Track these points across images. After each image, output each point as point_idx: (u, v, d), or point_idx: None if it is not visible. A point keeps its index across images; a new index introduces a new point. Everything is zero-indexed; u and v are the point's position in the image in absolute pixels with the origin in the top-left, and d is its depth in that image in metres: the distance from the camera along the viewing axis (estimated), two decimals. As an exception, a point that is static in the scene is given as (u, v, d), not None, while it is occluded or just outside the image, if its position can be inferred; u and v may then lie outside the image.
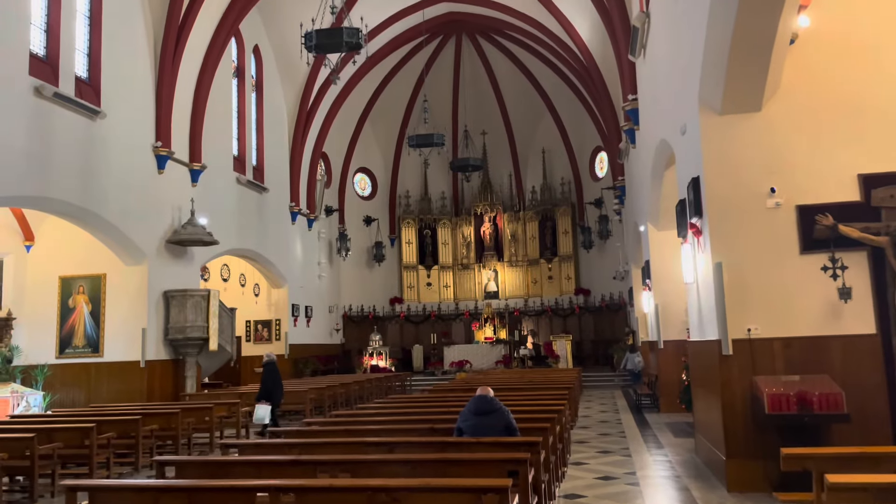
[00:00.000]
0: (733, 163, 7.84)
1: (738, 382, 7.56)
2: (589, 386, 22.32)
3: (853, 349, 7.37)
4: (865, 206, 7.45)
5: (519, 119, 30.59)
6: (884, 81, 7.63)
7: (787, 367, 7.48)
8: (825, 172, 7.61)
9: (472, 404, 6.33)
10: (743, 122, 7.85)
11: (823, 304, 7.46)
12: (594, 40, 20.88)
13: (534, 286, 29.94)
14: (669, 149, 11.29)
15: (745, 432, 7.49)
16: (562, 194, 30.05)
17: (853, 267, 7.40)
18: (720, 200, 7.84)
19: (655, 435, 11.88)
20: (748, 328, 7.57)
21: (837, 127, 7.66)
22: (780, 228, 7.65)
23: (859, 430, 7.09)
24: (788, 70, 7.67)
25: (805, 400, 6.93)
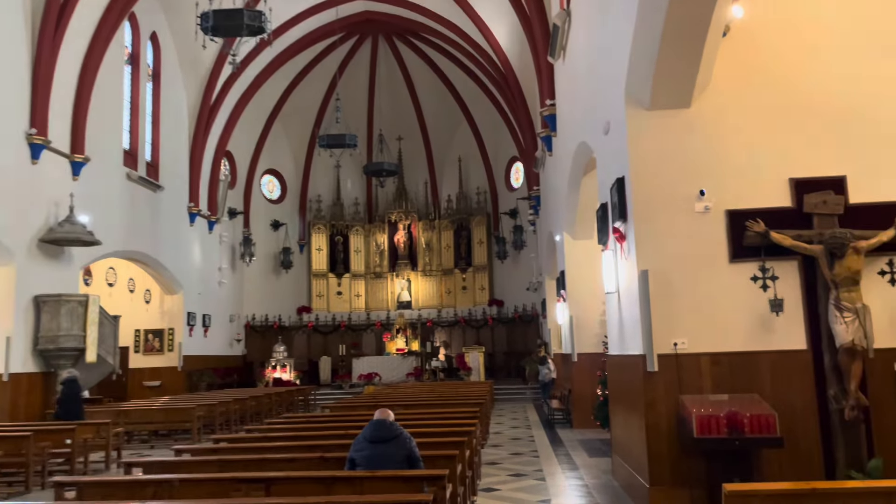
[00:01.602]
0: (661, 162, 7.26)
1: (664, 402, 6.93)
2: (501, 399, 21.72)
3: (783, 366, 6.88)
4: (797, 212, 7.01)
5: (435, 126, 29.90)
6: (817, 80, 7.24)
7: (714, 385, 6.91)
8: (756, 175, 7.13)
9: (368, 430, 5.37)
10: (672, 119, 7.29)
11: (754, 316, 6.95)
12: (512, 46, 20.42)
13: (448, 296, 29.21)
14: (589, 152, 10.74)
15: (671, 457, 6.86)
16: (477, 204, 29.52)
17: (784, 277, 6.93)
18: (647, 203, 7.23)
19: (569, 454, 11.24)
20: (675, 342, 6.96)
21: (769, 127, 7.21)
22: (709, 234, 7.11)
23: (789, 454, 6.60)
24: (719, 64, 7.17)
25: (736, 422, 6.35)
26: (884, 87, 7.17)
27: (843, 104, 7.17)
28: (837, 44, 7.28)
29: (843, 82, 7.20)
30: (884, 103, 7.14)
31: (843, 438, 6.65)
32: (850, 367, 6.52)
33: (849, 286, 6.54)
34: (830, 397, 6.73)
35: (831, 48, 7.28)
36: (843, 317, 6.51)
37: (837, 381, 6.68)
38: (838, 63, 7.24)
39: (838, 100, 7.18)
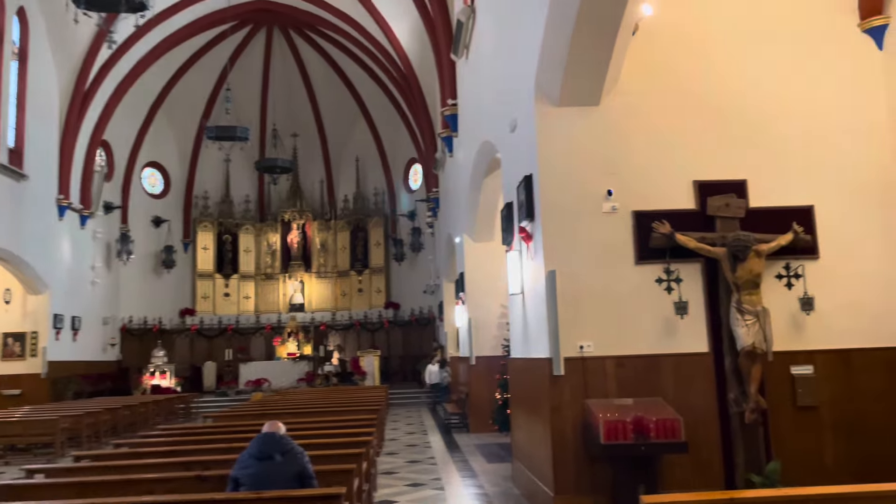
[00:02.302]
0: (570, 160, 7.06)
1: (570, 407, 6.71)
2: (396, 404, 21.26)
3: (686, 369, 6.83)
4: (701, 214, 6.99)
5: (333, 124, 29.05)
6: (723, 82, 7.28)
7: (619, 388, 6.76)
8: (662, 177, 7.07)
9: (254, 446, 4.76)
10: (581, 117, 7.11)
11: (659, 319, 6.86)
12: (413, 44, 20.05)
13: (343, 299, 28.40)
14: (493, 151, 10.51)
15: (576, 464, 6.65)
16: (375, 205, 28.91)
17: (688, 279, 6.89)
18: (555, 201, 7.01)
19: (467, 460, 10.94)
20: (581, 345, 6.76)
21: (674, 129, 7.17)
22: (616, 235, 6.97)
23: (691, 459, 6.52)
24: (628, 63, 7.06)
25: (642, 427, 6.20)
26: (784, 94, 7.30)
27: (745, 108, 7.24)
28: (742, 49, 7.36)
29: (746, 87, 7.28)
30: (783, 110, 7.27)
31: (743, 442, 6.67)
32: (751, 370, 6.54)
33: (750, 289, 6.57)
34: (731, 401, 6.73)
35: (735, 53, 7.34)
36: (744, 319, 6.52)
37: (738, 384, 6.69)
38: (742, 68, 7.32)
39: (741, 104, 7.25)
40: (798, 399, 6.88)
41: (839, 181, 7.18)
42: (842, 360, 6.94)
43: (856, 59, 7.37)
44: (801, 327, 6.94)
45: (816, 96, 7.30)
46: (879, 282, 7.06)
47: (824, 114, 7.28)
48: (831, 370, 6.92)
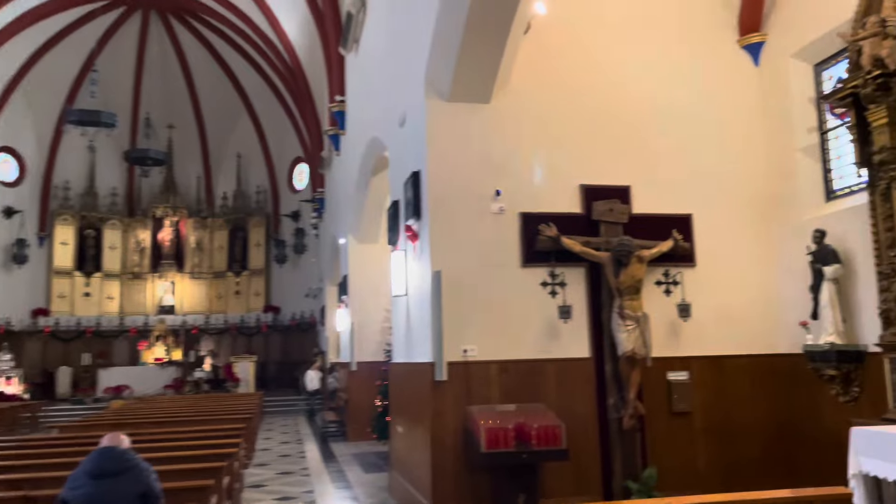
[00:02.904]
0: (459, 158, 6.83)
1: (452, 413, 6.44)
2: (272, 412, 20.34)
3: (568, 374, 6.74)
4: (586, 218, 6.96)
5: (213, 117, 27.58)
6: (611, 89, 7.31)
7: (502, 394, 6.57)
8: (550, 179, 6.98)
9: (90, 462, 4.11)
10: (471, 113, 6.90)
11: (543, 323, 6.74)
12: (301, 38, 19.35)
13: (218, 301, 26.95)
14: (381, 148, 10.16)
15: (456, 473, 6.38)
16: (257, 203, 27.71)
17: (572, 283, 6.82)
18: (443, 199, 6.75)
19: (343, 470, 10.46)
20: (465, 349, 6.52)
21: (563, 131, 7.11)
22: (503, 236, 6.80)
23: (572, 466, 6.43)
24: (520, 62, 6.93)
25: (523, 434, 6.03)
26: (668, 104, 7.42)
27: (631, 116, 7.31)
28: (630, 58, 7.43)
29: (632, 95, 7.36)
30: (666, 119, 7.40)
31: (621, 448, 6.66)
32: (630, 376, 6.54)
33: (631, 294, 6.58)
34: (610, 406, 6.71)
35: (624, 61, 7.40)
36: (625, 325, 6.52)
37: (618, 389, 6.68)
38: (630, 76, 7.39)
39: (627, 111, 7.31)
40: (673, 405, 6.97)
41: (716, 191, 7.38)
42: (714, 367, 7.11)
43: (735, 74, 7.64)
44: (678, 334, 7.05)
45: (698, 108, 7.49)
46: (751, 290, 7.30)
47: (704, 125, 7.47)
48: (705, 376, 7.07)
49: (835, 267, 6.31)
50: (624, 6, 7.54)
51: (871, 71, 5.42)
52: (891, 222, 5.59)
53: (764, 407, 7.14)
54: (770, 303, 7.29)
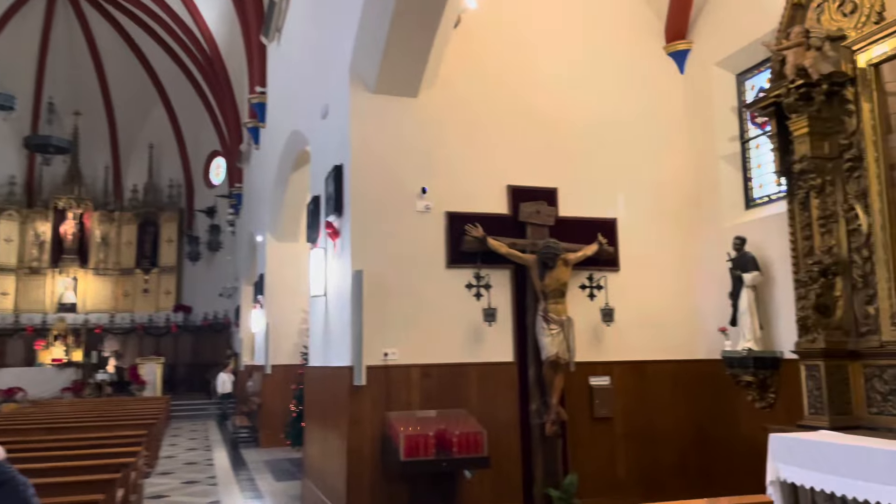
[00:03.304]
0: (384, 152, 6.54)
1: (370, 420, 6.14)
2: (181, 416, 19.40)
3: (491, 379, 6.56)
4: (513, 220, 6.81)
5: (124, 105, 26.15)
6: (540, 89, 7.20)
7: (423, 399, 6.32)
8: (477, 178, 6.80)
9: (-48, 478, 3.59)
10: (398, 107, 6.63)
11: (467, 326, 6.54)
12: (221, 26, 18.56)
13: (125, 300, 25.53)
14: (303, 142, 9.74)
15: (372, 482, 6.08)
16: (169, 198, 26.45)
17: (497, 286, 6.65)
18: (366, 195, 6.45)
19: (254, 479, 9.96)
20: (385, 352, 6.24)
21: (492, 130, 6.94)
22: (429, 236, 6.56)
23: (493, 474, 6.24)
24: (449, 57, 6.72)
25: (444, 441, 5.80)
26: (596, 108, 7.39)
27: (559, 118, 7.22)
28: (558, 60, 7.35)
29: (561, 97, 7.28)
30: (593, 123, 7.35)
31: (542, 454, 6.53)
32: (553, 381, 6.43)
33: (556, 298, 6.47)
34: (533, 412, 6.57)
35: (553, 62, 7.31)
36: (549, 329, 6.40)
37: (540, 395, 6.55)
38: (559, 78, 7.31)
39: (556, 113, 7.22)
40: (595, 410, 6.91)
41: (640, 196, 7.39)
42: (636, 372, 7.09)
43: (661, 81, 7.68)
44: (600, 338, 6.99)
45: (625, 113, 7.48)
46: (672, 296, 7.34)
47: (630, 130, 7.47)
48: (626, 382, 7.05)
49: (754, 274, 6.39)
50: (555, 7, 7.47)
51: (794, 80, 5.49)
52: (809, 231, 5.69)
53: (683, 412, 7.18)
54: (691, 309, 7.35)
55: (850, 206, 5.45)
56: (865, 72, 5.31)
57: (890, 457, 4.11)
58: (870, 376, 5.25)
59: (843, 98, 5.49)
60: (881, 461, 4.16)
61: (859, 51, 5.36)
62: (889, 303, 5.09)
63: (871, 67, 5.26)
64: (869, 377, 5.26)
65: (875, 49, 5.23)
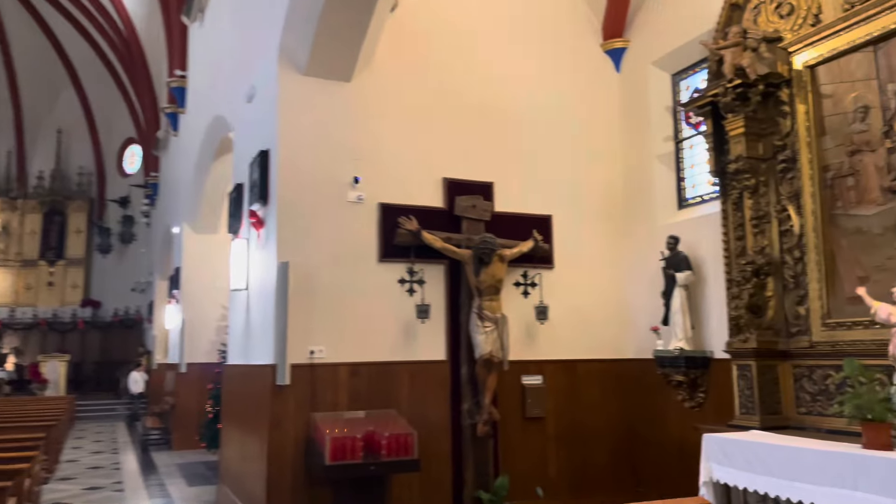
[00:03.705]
0: (315, 139, 6.19)
1: (293, 421, 5.78)
2: (87, 417, 18.30)
3: (422, 378, 6.31)
4: (448, 213, 6.58)
5: (31, 87, 24.52)
6: (478, 81, 7.00)
7: (351, 399, 6.01)
8: (412, 169, 6.53)
9: None
10: (330, 92, 6.29)
11: (399, 323, 6.27)
12: (139, 7, 17.56)
13: (27, 293, 23.93)
14: (226, 128, 9.24)
15: (294, 488, 5.71)
16: (79, 186, 24.98)
17: (431, 281, 6.40)
18: (294, 182, 6.08)
19: (164, 484, 9.36)
20: (312, 350, 5.89)
21: (428, 120, 6.69)
22: (360, 228, 6.25)
23: (422, 477, 6.00)
24: (385, 43, 6.43)
25: (372, 444, 5.51)
26: (532, 103, 7.25)
27: (497, 111, 7.05)
28: (498, 52, 7.17)
29: (499, 90, 7.10)
30: (530, 118, 7.21)
31: (473, 456, 6.33)
32: (486, 380, 6.23)
33: (491, 295, 6.27)
34: (464, 412, 6.36)
35: (492, 54, 7.11)
36: (483, 326, 6.20)
37: (473, 394, 6.35)
38: (497, 70, 7.13)
39: (493, 106, 7.04)
40: (527, 410, 6.77)
41: (576, 193, 7.31)
42: (568, 371, 7.00)
43: (598, 78, 7.62)
44: (534, 336, 6.86)
45: (561, 109, 7.38)
46: (606, 295, 7.28)
47: (567, 126, 7.38)
48: (558, 381, 6.94)
49: (686, 273, 6.39)
50: (495, -2, 7.29)
51: (732, 80, 5.48)
52: (742, 231, 5.70)
53: (614, 412, 7.13)
54: (623, 307, 7.32)
55: (782, 207, 5.49)
56: (801, 74, 5.35)
57: (822, 457, 4.10)
58: (799, 376, 5.29)
59: (778, 99, 5.52)
60: (813, 462, 4.15)
61: (796, 53, 5.40)
62: (819, 303, 5.14)
63: (807, 69, 5.31)
64: (798, 377, 5.30)
65: (811, 51, 5.28)
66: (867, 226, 4.89)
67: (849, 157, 5.02)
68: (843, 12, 5.03)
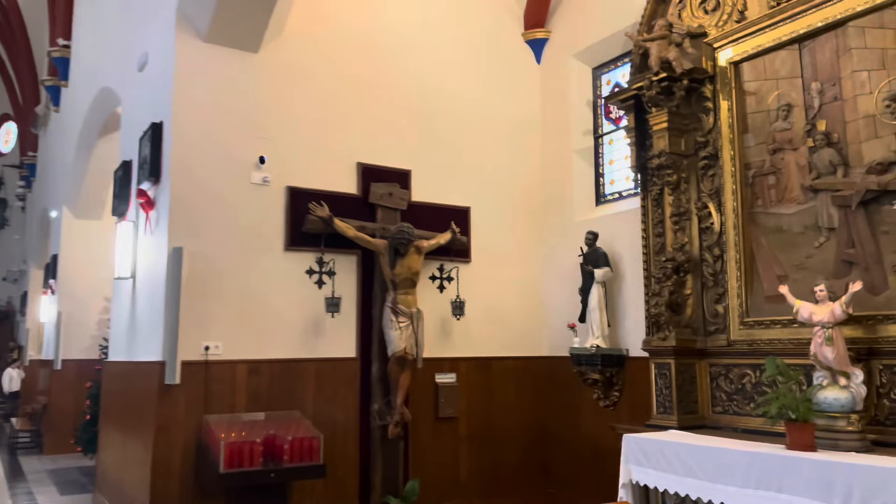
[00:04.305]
0: (216, 113, 5.61)
1: (184, 425, 5.20)
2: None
3: (330, 377, 5.87)
4: (363, 201, 6.16)
5: None
6: (399, 65, 6.62)
7: (251, 400, 5.49)
8: (324, 152, 6.07)
9: None
10: (235, 62, 5.73)
11: (307, 317, 5.79)
12: (20, -32, 16.00)
13: None
14: (114, 102, 8.41)
15: (183, 498, 5.14)
16: (-61, 164, 22.58)
17: (342, 273, 5.96)
18: (190, 160, 5.48)
19: (33, 492, 8.43)
20: (207, 346, 5.32)
21: (343, 101, 6.25)
22: (266, 212, 5.73)
23: (327, 482, 5.57)
24: (297, 13, 5.94)
25: (273, 448, 5.03)
26: (453, 91, 6.94)
27: (416, 97, 6.70)
28: (420, 37, 6.81)
29: (420, 75, 6.75)
30: (451, 107, 6.90)
31: (382, 459, 5.96)
32: (399, 378, 5.87)
33: (407, 288, 5.92)
34: (374, 413, 5.97)
35: (414, 38, 6.75)
36: (398, 321, 5.83)
37: (384, 394, 5.97)
38: (419, 55, 6.77)
39: (413, 91, 6.69)
40: (440, 409, 6.45)
41: (495, 186, 7.06)
42: (483, 369, 6.75)
43: (519, 69, 7.41)
44: (449, 333, 6.56)
45: (482, 98, 7.11)
46: (523, 290, 7.08)
47: (487, 117, 7.12)
48: (472, 379, 6.68)
49: (604, 270, 6.26)
50: (415, -24, 6.93)
51: (658, 73, 5.38)
52: (661, 228, 5.62)
53: (528, 411, 6.94)
54: (541, 303, 7.14)
55: (703, 205, 5.43)
56: (725, 70, 5.31)
57: (746, 458, 4.01)
58: (716, 375, 5.25)
59: (701, 95, 5.46)
60: (737, 463, 4.06)
61: (720, 49, 5.36)
62: (738, 302, 5.10)
63: (732, 66, 5.28)
64: (715, 376, 5.25)
65: (736, 48, 5.24)
66: (787, 224, 4.88)
67: (771, 155, 5.01)
68: (769, 9, 5.01)
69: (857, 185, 4.44)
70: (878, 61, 4.37)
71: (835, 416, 4.05)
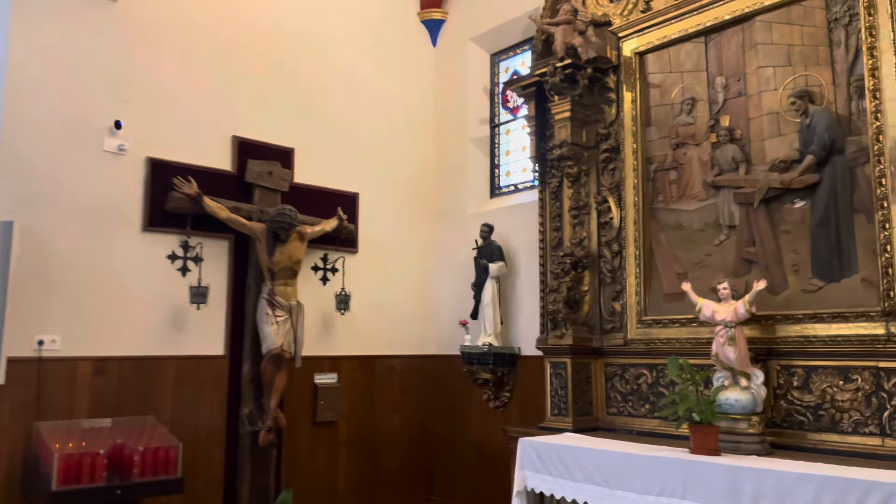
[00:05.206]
0: (63, 66, 4.77)
1: (9, 434, 4.35)
2: None
3: (193, 377, 5.17)
4: (238, 179, 5.50)
5: None
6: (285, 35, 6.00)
7: (95, 404, 4.70)
8: (193, 121, 5.35)
9: None
10: (88, 8, 4.90)
11: (166, 308, 5.06)
12: None
13: None
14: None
15: (6, 523, 4.30)
16: None
17: (211, 259, 5.27)
18: (29, 120, 4.62)
19: None
20: (40, 340, 4.49)
21: (216, 65, 5.55)
22: (120, 186, 4.94)
23: (186, 498, 4.86)
24: (168, -40, 5.19)
25: (121, 460, 4.30)
26: (344, 69, 6.40)
27: (302, 70, 6.10)
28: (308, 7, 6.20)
29: (308, 49, 6.15)
30: (341, 85, 6.36)
31: (251, 468, 5.32)
32: (274, 379, 5.26)
33: (286, 278, 5.33)
34: (243, 417, 5.32)
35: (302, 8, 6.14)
36: (274, 315, 5.23)
37: (256, 396, 5.34)
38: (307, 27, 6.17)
39: (299, 65, 6.08)
40: (319, 413, 5.90)
41: (385, 172, 6.59)
42: (366, 368, 6.27)
43: (414, 51, 6.99)
44: (331, 329, 6.02)
45: (375, 79, 6.62)
46: (411, 285, 6.67)
47: (380, 99, 6.64)
48: (355, 379, 6.18)
49: (499, 264, 5.96)
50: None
51: (563, 59, 5.13)
52: (559, 222, 5.38)
53: (413, 413, 6.53)
54: (430, 298, 6.75)
55: (603, 199, 5.24)
56: (630, 60, 5.14)
57: (649, 463, 3.79)
58: (611, 375, 5.06)
59: (605, 86, 5.27)
60: (639, 468, 3.83)
61: (625, 39, 5.18)
62: (636, 299, 4.94)
63: (636, 56, 5.11)
64: (610, 376, 5.07)
65: (641, 38, 5.09)
66: (688, 221, 4.76)
67: (673, 149, 4.88)
68: (675, 0, 4.88)
69: (760, 183, 4.37)
70: (784, 58, 4.31)
71: (736, 419, 3.92)
